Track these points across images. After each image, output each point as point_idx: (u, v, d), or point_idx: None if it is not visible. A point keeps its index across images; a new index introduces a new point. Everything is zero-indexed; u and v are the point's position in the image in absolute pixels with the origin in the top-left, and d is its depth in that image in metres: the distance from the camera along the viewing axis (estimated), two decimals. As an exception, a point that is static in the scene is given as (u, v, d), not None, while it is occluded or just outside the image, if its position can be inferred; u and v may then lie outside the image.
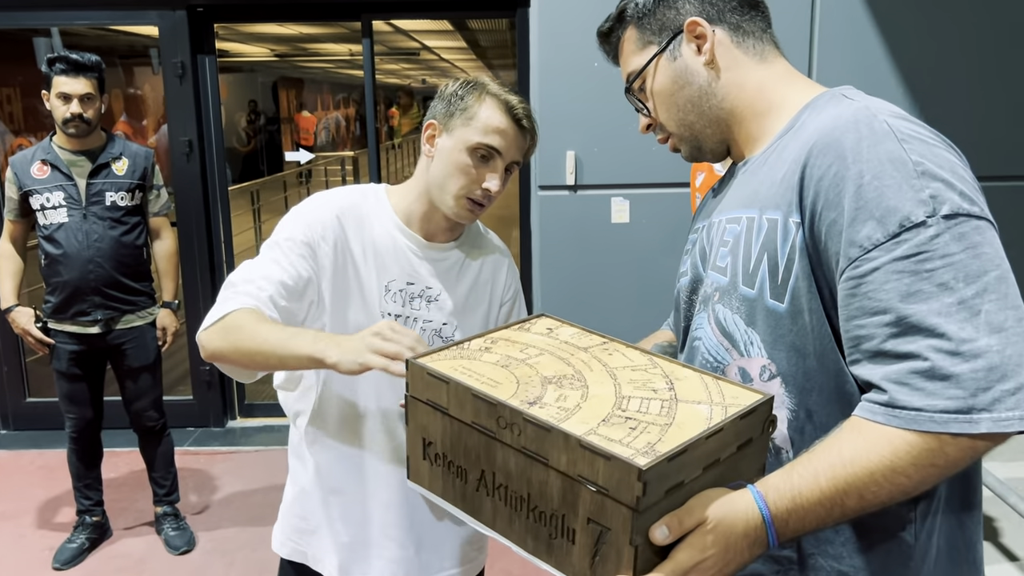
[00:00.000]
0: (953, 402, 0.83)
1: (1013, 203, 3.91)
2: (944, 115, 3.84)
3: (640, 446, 0.86)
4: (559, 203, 3.88)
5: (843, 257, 0.91)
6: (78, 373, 3.12)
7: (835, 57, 3.77)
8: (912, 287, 0.86)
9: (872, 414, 0.88)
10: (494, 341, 1.14)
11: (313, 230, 1.47)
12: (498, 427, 0.96)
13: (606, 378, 1.02)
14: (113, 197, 3.05)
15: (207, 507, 3.63)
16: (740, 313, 1.05)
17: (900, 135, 0.92)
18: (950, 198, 0.88)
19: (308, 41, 9.97)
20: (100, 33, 6.18)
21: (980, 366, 0.83)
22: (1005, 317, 0.84)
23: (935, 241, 0.86)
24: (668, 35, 1.14)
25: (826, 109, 1.03)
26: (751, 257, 1.02)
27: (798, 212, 0.97)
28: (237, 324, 1.33)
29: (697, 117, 1.15)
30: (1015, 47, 3.80)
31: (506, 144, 1.47)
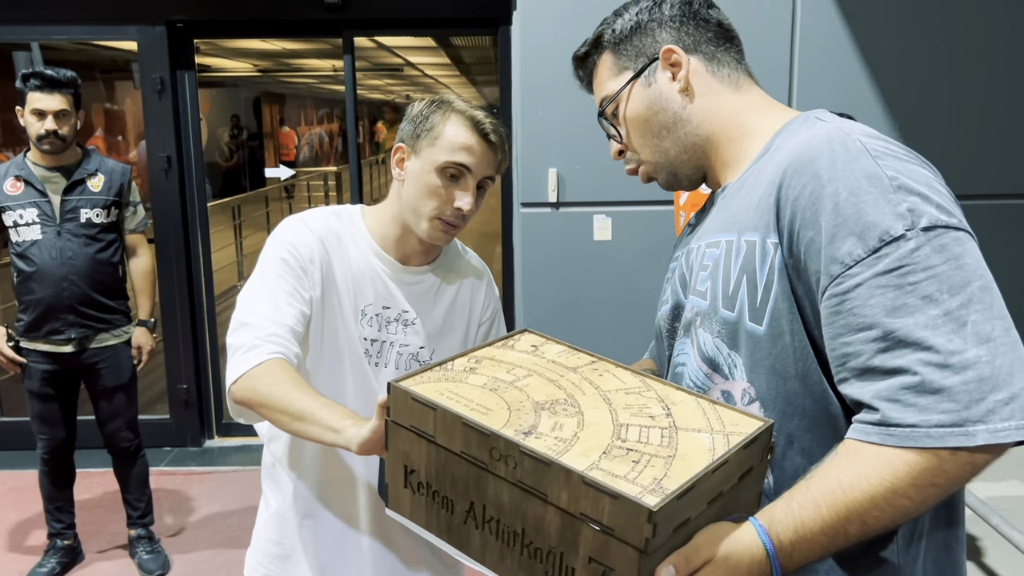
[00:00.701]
0: (947, 415, 0.81)
1: (990, 221, 3.94)
2: (923, 136, 3.87)
3: (646, 482, 0.82)
4: (541, 220, 3.87)
5: (824, 275, 0.90)
6: (50, 393, 3.06)
7: (815, 80, 3.79)
8: (897, 301, 0.85)
9: (867, 435, 0.86)
10: (478, 360, 1.09)
11: (302, 254, 1.46)
12: (491, 459, 0.91)
13: (600, 403, 0.98)
14: (88, 214, 3.00)
15: (182, 529, 3.57)
16: (722, 336, 1.03)
17: (874, 152, 0.92)
18: (928, 211, 0.87)
19: (291, 56, 9.96)
20: (81, 47, 6.14)
21: (971, 377, 0.81)
22: (992, 327, 0.83)
23: (916, 254, 0.85)
24: (644, 61, 1.15)
25: (800, 131, 1.03)
26: (731, 280, 1.02)
27: (775, 233, 0.96)
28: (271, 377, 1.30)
29: (672, 143, 1.15)
30: (992, 70, 3.84)
31: (475, 160, 1.44)
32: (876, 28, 3.78)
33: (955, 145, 3.89)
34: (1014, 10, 3.79)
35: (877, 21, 3.78)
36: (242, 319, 1.40)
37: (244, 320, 1.39)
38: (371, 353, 1.52)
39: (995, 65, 3.84)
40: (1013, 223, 3.98)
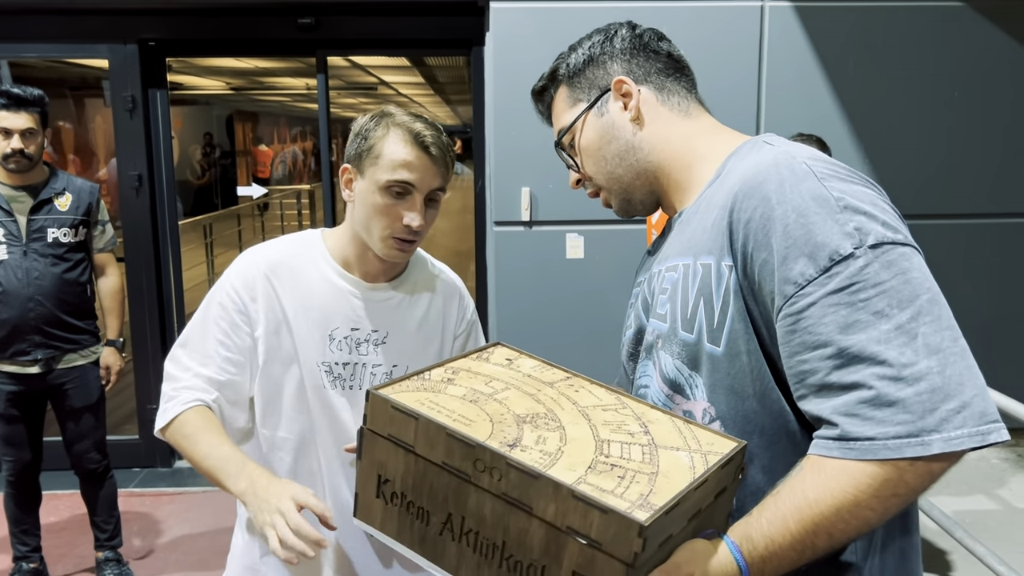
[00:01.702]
0: (903, 427, 0.84)
1: (950, 240, 4.02)
2: (889, 157, 3.95)
3: (633, 498, 0.83)
4: (514, 239, 3.89)
5: (778, 295, 0.92)
6: (16, 415, 3.02)
7: (783, 102, 3.86)
8: (849, 318, 0.88)
9: (828, 450, 0.89)
10: (455, 372, 1.10)
11: (241, 295, 1.48)
12: (475, 470, 0.91)
13: (580, 418, 1.00)
14: (55, 233, 2.97)
15: (151, 551, 3.51)
16: (682, 358, 1.05)
17: (819, 174, 0.95)
18: (874, 229, 0.90)
19: (264, 75, 9.93)
20: (50, 65, 6.09)
21: (923, 388, 0.84)
22: (941, 338, 0.86)
23: (865, 271, 0.88)
24: (596, 92, 1.19)
25: (749, 156, 1.06)
26: (688, 302, 1.04)
27: (729, 255, 0.99)
28: (183, 433, 1.45)
29: (624, 171, 1.18)
30: (955, 91, 3.93)
31: (418, 176, 1.42)
32: (842, 50, 3.86)
33: (920, 166, 3.97)
34: (976, 32, 3.89)
35: (843, 44, 3.86)
36: (170, 368, 1.52)
37: (170, 371, 1.52)
38: (344, 377, 1.51)
39: (959, 86, 3.93)
40: (974, 242, 4.06)
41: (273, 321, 1.49)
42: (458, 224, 10.77)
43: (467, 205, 6.69)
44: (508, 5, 3.76)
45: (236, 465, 1.39)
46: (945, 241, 3.99)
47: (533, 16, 3.75)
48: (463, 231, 9.66)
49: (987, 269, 4.06)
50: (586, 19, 3.41)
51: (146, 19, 4.03)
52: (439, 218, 1.55)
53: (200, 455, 1.42)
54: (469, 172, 4.38)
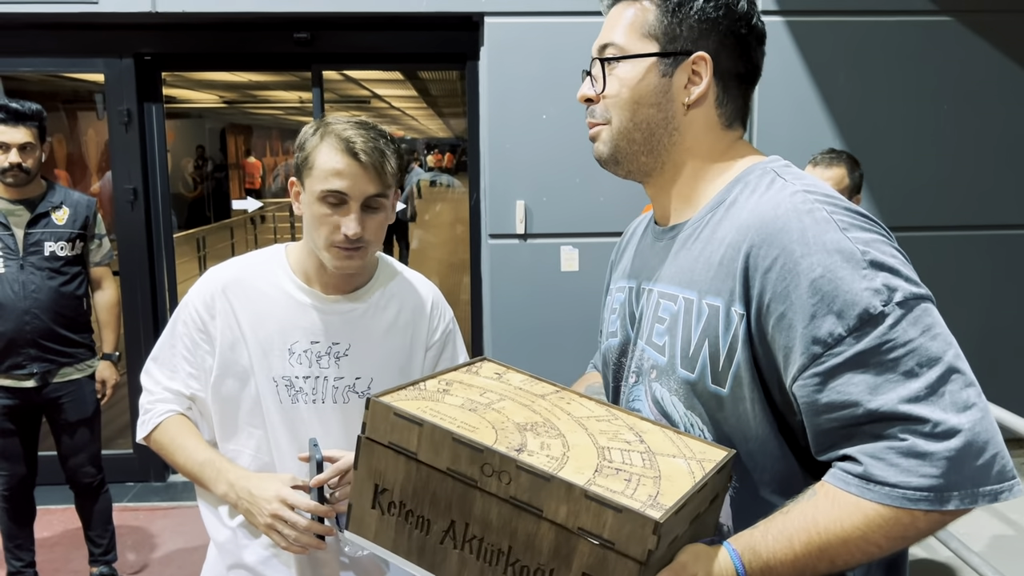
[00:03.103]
0: (926, 480, 0.86)
1: (940, 252, 4.05)
2: (881, 170, 3.98)
3: (643, 498, 0.85)
4: (509, 251, 3.91)
5: (803, 354, 0.92)
6: (11, 428, 3.00)
7: (775, 115, 3.89)
8: (879, 379, 0.88)
9: (846, 484, 0.90)
10: (449, 383, 1.10)
11: (201, 314, 1.53)
12: (482, 475, 0.92)
13: (577, 427, 1.01)
14: (52, 247, 2.98)
15: (146, 566, 3.50)
16: (678, 395, 1.05)
17: (841, 224, 0.94)
18: (900, 285, 0.90)
19: (258, 88, 9.95)
20: (44, 79, 6.10)
21: (953, 446, 0.85)
22: (968, 395, 0.88)
23: (894, 330, 0.88)
24: (674, 48, 1.07)
25: (759, 190, 1.03)
26: (691, 341, 1.03)
27: (742, 303, 0.97)
28: (161, 443, 1.55)
29: (644, 139, 1.10)
30: (946, 104, 3.97)
31: (349, 184, 1.41)
32: (833, 64, 3.90)
33: (910, 178, 4.01)
34: (964, 45, 3.94)
35: (834, 57, 3.90)
36: (144, 382, 1.60)
37: (145, 383, 1.60)
38: (306, 391, 1.51)
39: (948, 99, 3.97)
40: (964, 254, 4.09)
41: (230, 337, 1.51)
42: (451, 236, 10.76)
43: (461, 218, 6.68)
44: (503, 20, 3.79)
45: (212, 470, 1.48)
46: (935, 253, 4.02)
47: (528, 30, 3.78)
48: (456, 243, 9.66)
49: (978, 281, 4.10)
50: (581, 33, 3.44)
51: (142, 33, 4.05)
52: (432, 231, 1.56)
53: (179, 464, 1.53)
54: (461, 185, 4.39)
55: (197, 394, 1.55)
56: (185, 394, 1.56)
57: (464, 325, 2.78)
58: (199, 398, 1.55)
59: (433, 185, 14.70)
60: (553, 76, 3.75)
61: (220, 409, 1.54)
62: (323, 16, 3.90)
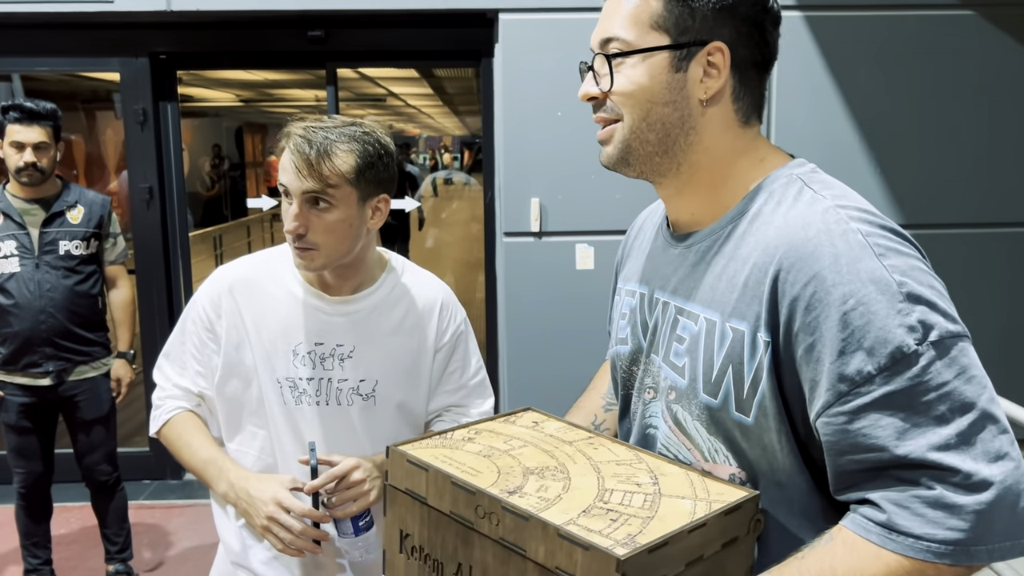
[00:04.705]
0: (953, 534, 0.81)
1: (965, 250, 3.99)
2: (900, 167, 3.93)
3: (620, 537, 0.84)
4: (524, 250, 3.89)
5: (830, 391, 0.86)
6: (28, 426, 3.02)
7: (793, 111, 3.85)
8: (908, 423, 0.83)
9: (867, 532, 0.85)
10: (478, 432, 1.12)
11: (208, 313, 1.53)
12: (476, 517, 0.93)
13: (590, 471, 1.00)
14: (67, 246, 2.99)
15: (161, 563, 3.51)
16: (701, 420, 1.00)
17: (877, 248, 0.87)
18: (937, 322, 0.85)
19: (274, 87, 9.98)
20: (62, 78, 6.13)
21: (986, 499, 0.81)
22: (1000, 444, 0.83)
23: (928, 371, 0.83)
24: (686, 40, 0.97)
25: (786, 202, 0.96)
26: (713, 365, 0.97)
27: (768, 331, 0.92)
28: (168, 440, 1.57)
29: (657, 142, 1.01)
30: (967, 100, 3.91)
31: (288, 178, 1.40)
32: (852, 59, 3.85)
33: (931, 175, 3.95)
34: (987, 40, 3.88)
35: (853, 53, 3.85)
36: (156, 378, 1.62)
37: (157, 379, 1.61)
38: (310, 392, 1.50)
39: (970, 95, 3.91)
40: (986, 252, 4.03)
41: (235, 337, 1.51)
42: (465, 235, 10.77)
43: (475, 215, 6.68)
44: (517, 16, 3.77)
45: (215, 468, 1.50)
46: (957, 250, 3.96)
47: (543, 27, 3.76)
48: (470, 242, 9.67)
49: (1000, 278, 4.03)
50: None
51: (157, 32, 4.06)
52: (446, 229, 1.54)
53: (185, 461, 1.55)
54: (475, 182, 4.38)
55: (205, 392, 1.55)
56: (194, 391, 1.56)
57: (479, 324, 2.76)
58: (207, 396, 1.56)
59: (448, 183, 14.71)
60: (568, 73, 3.72)
61: (225, 408, 1.54)
62: (337, 13, 3.89)
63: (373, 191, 1.45)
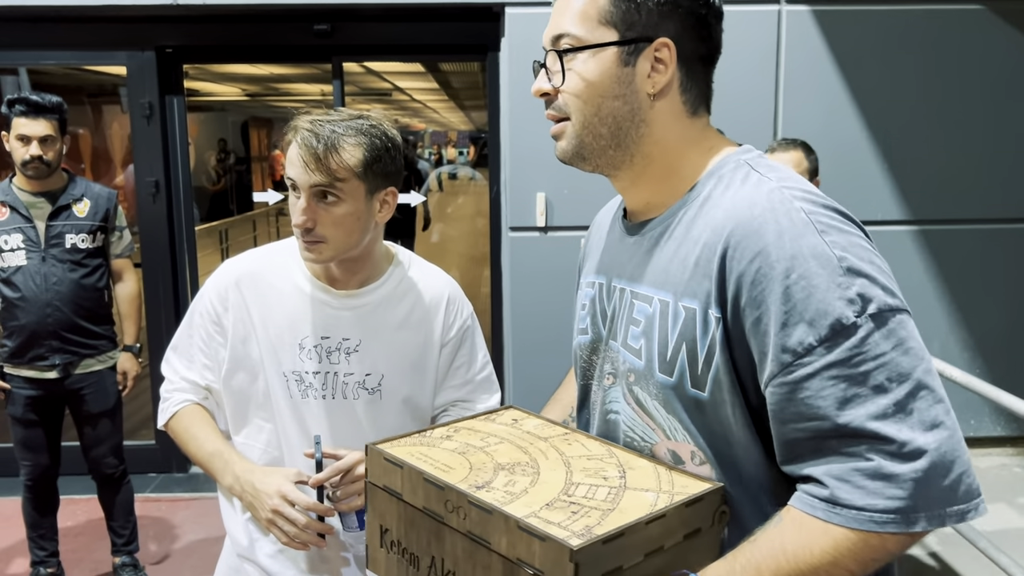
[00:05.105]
0: (893, 502, 0.84)
1: (971, 245, 3.98)
2: (908, 162, 3.91)
3: (578, 528, 0.86)
4: (529, 244, 3.88)
5: (773, 362, 0.90)
6: (34, 419, 3.03)
7: (800, 105, 3.84)
8: (848, 392, 0.86)
9: (812, 508, 0.88)
10: (456, 430, 1.15)
11: (216, 306, 1.53)
12: (446, 511, 0.96)
13: (560, 466, 1.03)
14: (73, 239, 2.99)
15: (167, 556, 3.52)
16: (658, 400, 1.03)
17: (819, 226, 0.91)
18: (876, 294, 0.88)
19: (279, 81, 9.98)
20: (68, 72, 6.14)
21: (921, 466, 0.84)
22: (936, 413, 0.86)
23: (866, 342, 0.86)
24: (633, 35, 1.01)
25: (733, 185, 1.00)
26: (668, 344, 1.00)
27: (718, 307, 0.95)
28: (175, 432, 1.57)
29: (610, 135, 1.04)
30: (976, 95, 3.89)
31: (296, 171, 1.40)
32: (860, 54, 3.83)
33: (940, 171, 3.94)
34: (996, 35, 3.86)
35: (861, 47, 3.83)
36: (164, 371, 1.62)
37: (165, 372, 1.61)
38: (315, 386, 1.50)
39: (979, 90, 3.89)
40: (993, 247, 4.01)
41: (241, 330, 1.51)
42: (471, 229, 10.76)
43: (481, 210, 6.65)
44: (524, 11, 3.76)
45: (220, 461, 1.50)
46: (966, 246, 3.95)
47: (548, 21, 3.75)
48: (476, 236, 9.66)
49: (1008, 274, 4.02)
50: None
51: (163, 26, 4.06)
52: (451, 224, 1.54)
53: (191, 454, 1.55)
54: (481, 177, 4.37)
55: (212, 385, 1.56)
56: (201, 384, 1.57)
57: (484, 318, 2.76)
58: (214, 389, 1.56)
59: (453, 178, 14.69)
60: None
61: (231, 402, 1.54)
62: (343, 7, 3.89)
63: (381, 184, 1.45)
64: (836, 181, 2.94)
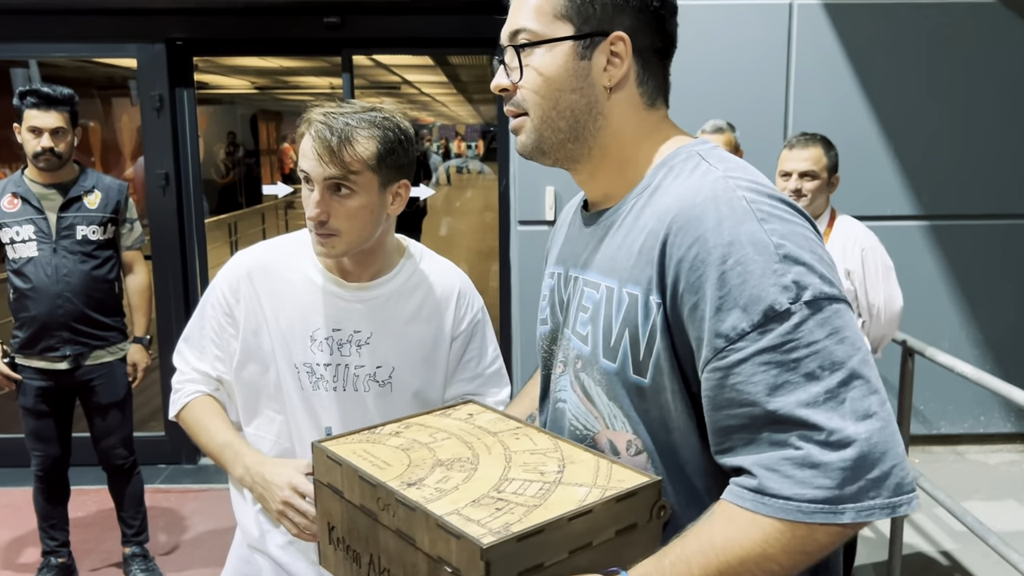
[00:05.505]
0: (821, 491, 0.83)
1: (984, 240, 3.96)
2: (918, 156, 3.89)
3: (496, 526, 0.84)
4: (538, 238, 3.88)
5: (708, 347, 0.89)
6: (45, 410, 3.05)
7: (811, 99, 3.82)
8: (779, 378, 0.85)
9: (741, 500, 0.87)
10: (408, 426, 1.14)
11: (227, 297, 1.54)
12: (378, 508, 0.96)
13: (500, 461, 1.01)
14: (84, 231, 3.00)
15: (177, 547, 3.54)
16: (601, 386, 1.02)
17: (760, 214, 0.90)
18: (812, 282, 0.87)
19: (288, 74, 9.99)
20: (78, 64, 6.16)
21: (849, 456, 0.82)
22: (870, 403, 0.85)
23: (800, 329, 0.85)
24: (589, 29, 1.01)
25: (683, 174, 1.00)
26: (612, 330, 1.00)
27: (658, 292, 0.94)
28: (187, 424, 1.58)
29: (568, 129, 1.05)
30: (985, 91, 3.87)
31: (311, 163, 1.39)
32: (871, 48, 3.81)
33: (951, 165, 3.92)
34: (1008, 29, 3.83)
35: (872, 41, 3.81)
36: (176, 362, 1.62)
37: (177, 363, 1.62)
38: (327, 378, 1.51)
39: (991, 85, 3.87)
40: (1005, 243, 3.99)
41: (253, 322, 1.51)
42: (479, 223, 10.75)
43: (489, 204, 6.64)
44: (533, 3, 3.75)
45: (231, 452, 1.50)
46: (977, 242, 3.93)
47: (558, 14, 3.74)
48: (484, 230, 9.66)
49: (1019, 270, 3.99)
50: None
51: (174, 19, 4.06)
52: (460, 218, 1.54)
53: (202, 445, 1.55)
54: (490, 171, 4.36)
55: (224, 376, 1.56)
56: (212, 376, 1.57)
57: (492, 312, 2.77)
58: (226, 380, 1.57)
59: (461, 172, 14.69)
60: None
61: (243, 393, 1.55)
62: (353, 0, 3.88)
63: (394, 176, 1.45)
64: (846, 176, 2.92)
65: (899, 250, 3.15)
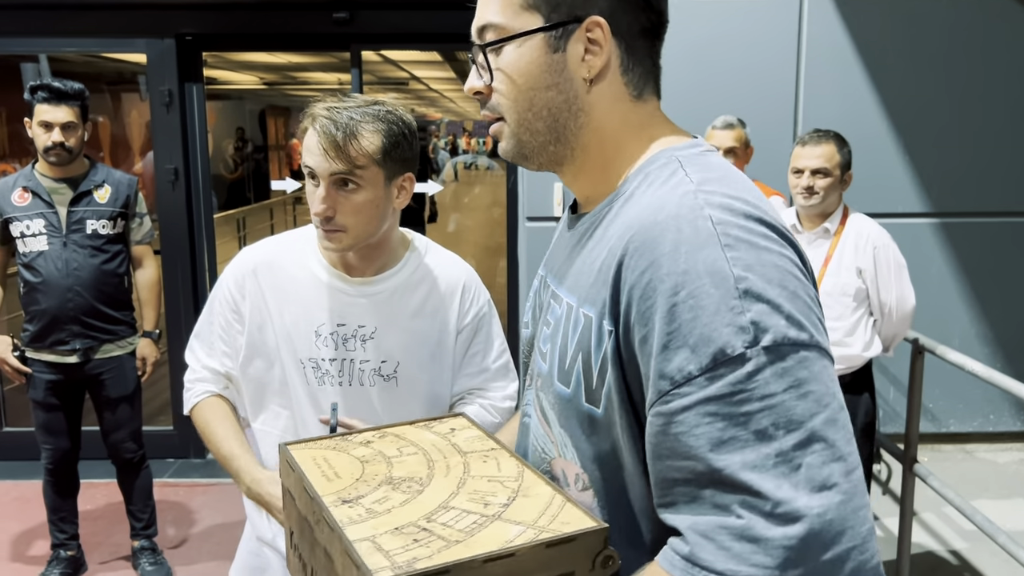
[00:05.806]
0: (757, 571, 0.71)
1: (993, 239, 3.94)
2: (927, 153, 3.87)
3: (402, 560, 0.79)
4: (546, 234, 3.87)
5: (652, 388, 0.78)
6: (55, 403, 3.06)
7: (821, 95, 3.80)
8: (725, 434, 0.73)
9: (671, 567, 0.76)
10: (383, 436, 1.09)
11: (233, 293, 1.54)
12: (314, 521, 0.93)
13: (452, 486, 0.94)
14: (94, 225, 3.01)
15: (185, 540, 3.56)
16: (555, 410, 0.93)
17: (725, 238, 0.77)
18: (774, 324, 0.74)
19: (297, 70, 9.99)
20: (88, 59, 6.17)
21: (795, 533, 0.70)
22: (830, 472, 0.72)
23: (754, 379, 0.73)
24: (560, 17, 0.89)
25: (655, 185, 0.88)
26: (567, 352, 0.90)
27: (611, 318, 0.83)
28: (197, 426, 1.58)
29: (547, 130, 0.94)
30: (996, 88, 3.84)
31: (315, 159, 1.39)
32: (882, 42, 3.79)
33: (963, 162, 3.90)
34: (1020, 25, 3.80)
35: (883, 35, 3.79)
36: (187, 358, 1.63)
37: (188, 360, 1.63)
38: (332, 373, 1.50)
39: (1003, 80, 3.84)
40: (1016, 240, 3.97)
41: (258, 318, 1.52)
42: (487, 219, 10.76)
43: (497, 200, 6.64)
44: (542, -1, 3.74)
45: (236, 465, 1.50)
46: (987, 239, 3.91)
47: (568, 10, 3.73)
48: (492, 226, 9.65)
49: (1030, 268, 3.98)
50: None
51: (183, 13, 4.07)
52: (468, 214, 1.53)
53: (211, 450, 1.57)
54: (498, 167, 4.36)
55: (232, 372, 1.57)
56: (221, 372, 1.58)
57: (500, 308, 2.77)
58: (234, 376, 1.57)
59: (469, 168, 14.67)
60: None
61: (249, 388, 1.55)
62: (362, -5, 3.89)
63: (399, 170, 1.45)
64: (857, 173, 2.91)
65: (910, 247, 3.14)
